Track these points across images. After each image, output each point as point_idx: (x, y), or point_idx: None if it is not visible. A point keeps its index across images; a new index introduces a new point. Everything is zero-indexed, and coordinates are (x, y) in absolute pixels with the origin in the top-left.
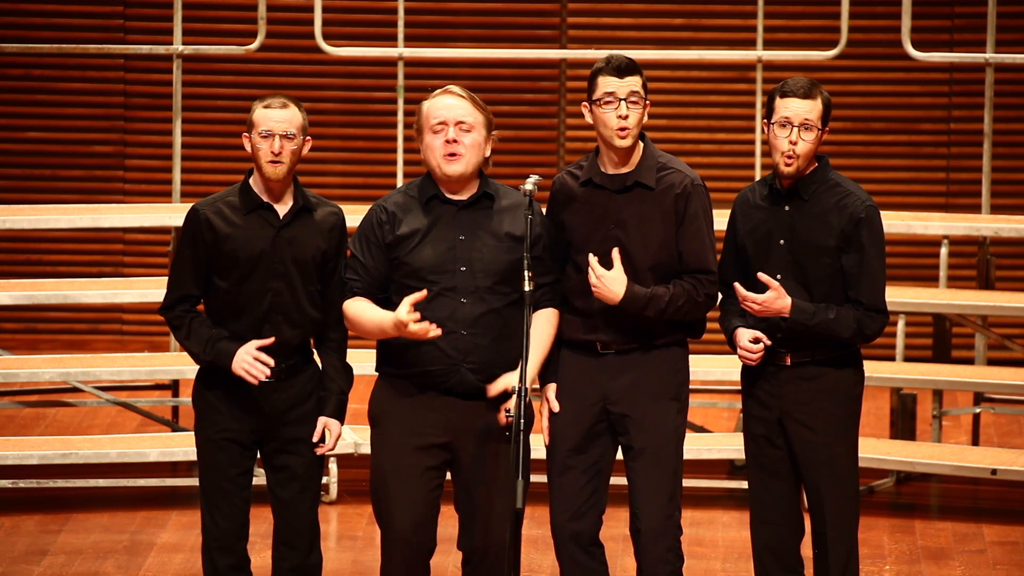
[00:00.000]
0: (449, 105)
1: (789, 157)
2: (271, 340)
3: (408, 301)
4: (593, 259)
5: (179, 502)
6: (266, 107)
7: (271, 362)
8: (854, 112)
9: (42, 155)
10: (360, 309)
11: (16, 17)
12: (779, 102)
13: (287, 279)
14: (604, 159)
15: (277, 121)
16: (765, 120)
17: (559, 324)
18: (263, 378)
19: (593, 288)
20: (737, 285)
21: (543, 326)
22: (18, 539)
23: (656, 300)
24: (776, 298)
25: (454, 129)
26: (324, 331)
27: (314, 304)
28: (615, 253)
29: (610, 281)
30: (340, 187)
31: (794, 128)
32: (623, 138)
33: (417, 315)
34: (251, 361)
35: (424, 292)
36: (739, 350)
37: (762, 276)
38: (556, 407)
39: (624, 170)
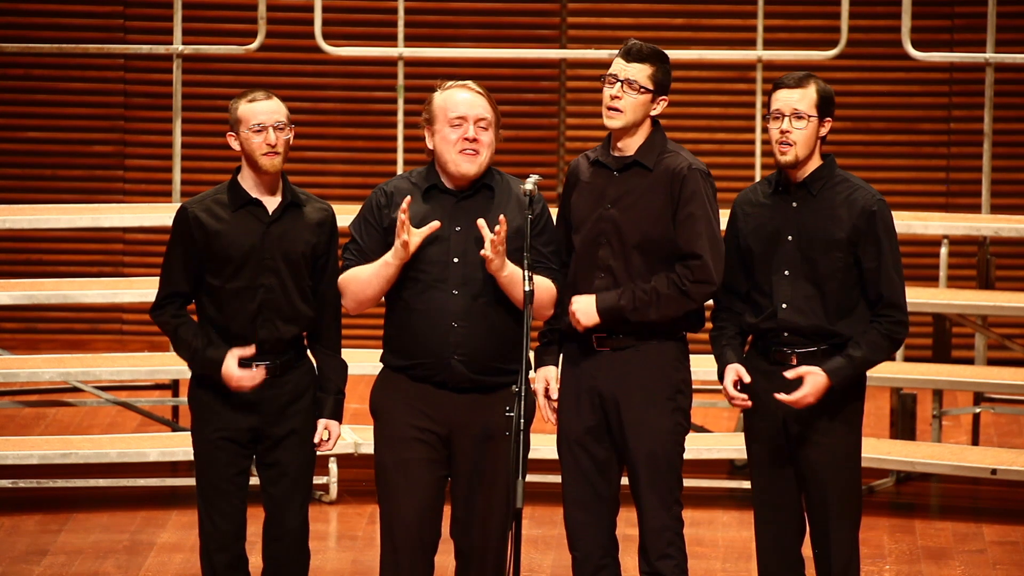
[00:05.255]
0: (469, 101)
1: (784, 144)
2: (251, 350)
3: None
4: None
5: (179, 502)
6: (251, 101)
7: (258, 371)
8: (854, 112)
9: (42, 155)
10: (354, 271)
11: (16, 17)
12: (772, 96)
13: (277, 274)
14: (612, 141)
15: (268, 113)
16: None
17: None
18: (258, 382)
19: (574, 323)
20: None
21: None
22: (18, 539)
23: (627, 294)
24: (811, 388)
25: (474, 128)
26: (318, 328)
27: (305, 299)
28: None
29: (580, 312)
30: (340, 187)
31: (785, 118)
32: (611, 118)
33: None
34: (238, 377)
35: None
36: (725, 391)
37: (791, 373)
38: (554, 391)
39: (628, 152)
